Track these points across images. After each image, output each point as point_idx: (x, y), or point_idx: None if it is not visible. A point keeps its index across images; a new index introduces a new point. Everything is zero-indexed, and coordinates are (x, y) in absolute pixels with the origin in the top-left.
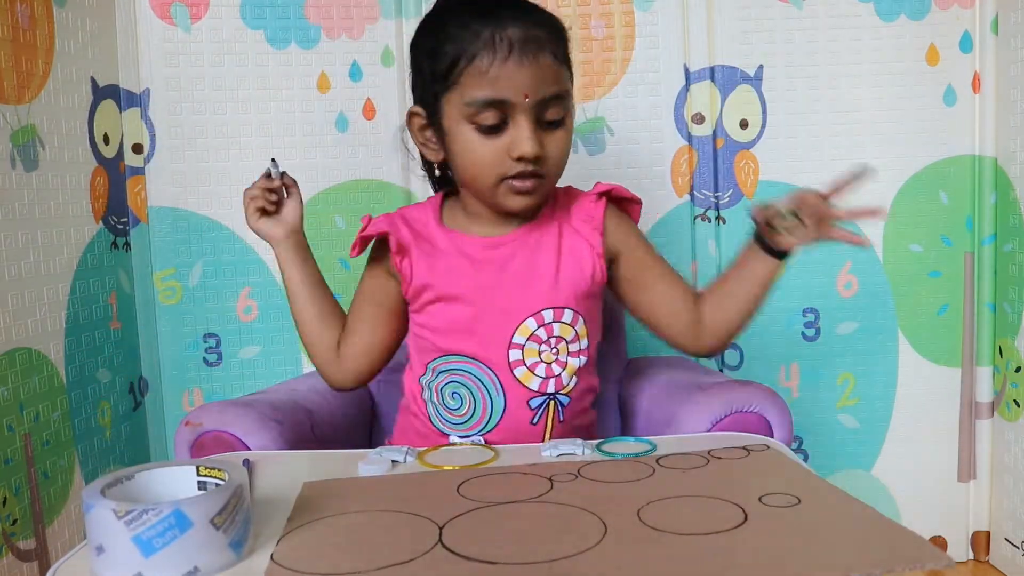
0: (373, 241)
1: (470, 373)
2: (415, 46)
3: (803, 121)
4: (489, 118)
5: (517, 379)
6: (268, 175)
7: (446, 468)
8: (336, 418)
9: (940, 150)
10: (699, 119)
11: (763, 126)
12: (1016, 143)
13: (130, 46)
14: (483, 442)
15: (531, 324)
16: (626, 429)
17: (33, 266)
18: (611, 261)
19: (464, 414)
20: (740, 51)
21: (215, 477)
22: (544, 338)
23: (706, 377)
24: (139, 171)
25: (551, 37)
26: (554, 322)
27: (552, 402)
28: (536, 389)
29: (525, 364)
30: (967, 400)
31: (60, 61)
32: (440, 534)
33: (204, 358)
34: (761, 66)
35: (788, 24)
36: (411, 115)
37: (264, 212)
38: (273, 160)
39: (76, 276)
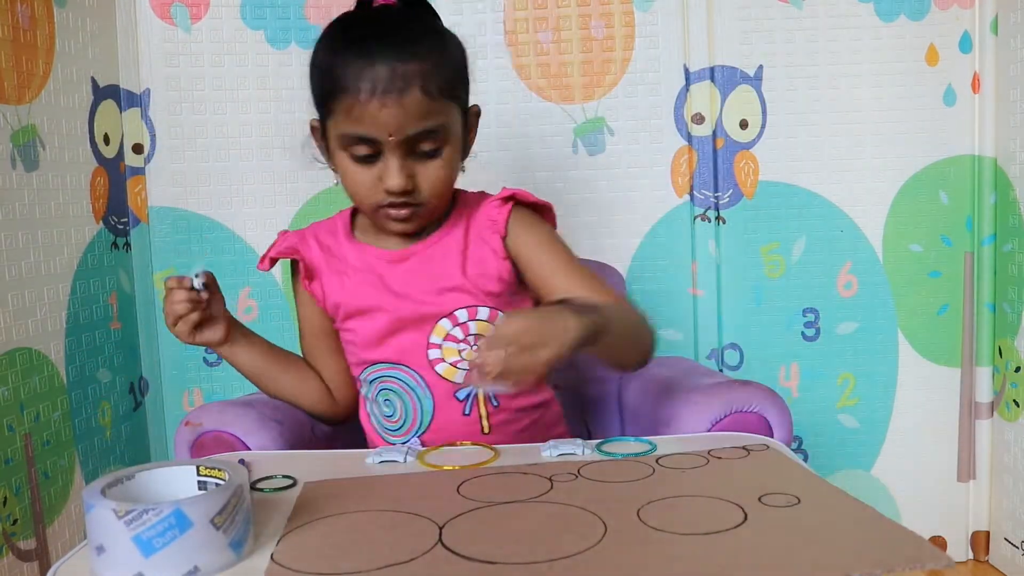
0: (290, 261)
1: (396, 378)
2: (309, 67)
3: (803, 121)
4: (360, 150)
5: (440, 375)
6: (191, 288)
7: (446, 468)
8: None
9: (940, 150)
10: (699, 119)
11: (763, 126)
12: (1016, 143)
13: (130, 46)
14: (420, 446)
15: (445, 324)
16: (626, 429)
17: (33, 266)
18: (515, 263)
19: (397, 420)
20: (740, 51)
21: (215, 477)
22: (461, 336)
23: (706, 377)
24: (139, 171)
25: (424, 71)
26: (470, 320)
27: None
28: (461, 382)
29: (446, 361)
30: (967, 400)
31: (60, 61)
32: (440, 534)
33: (204, 358)
34: (761, 66)
35: (788, 24)
36: (312, 128)
37: (197, 325)
38: (197, 275)
39: (76, 276)
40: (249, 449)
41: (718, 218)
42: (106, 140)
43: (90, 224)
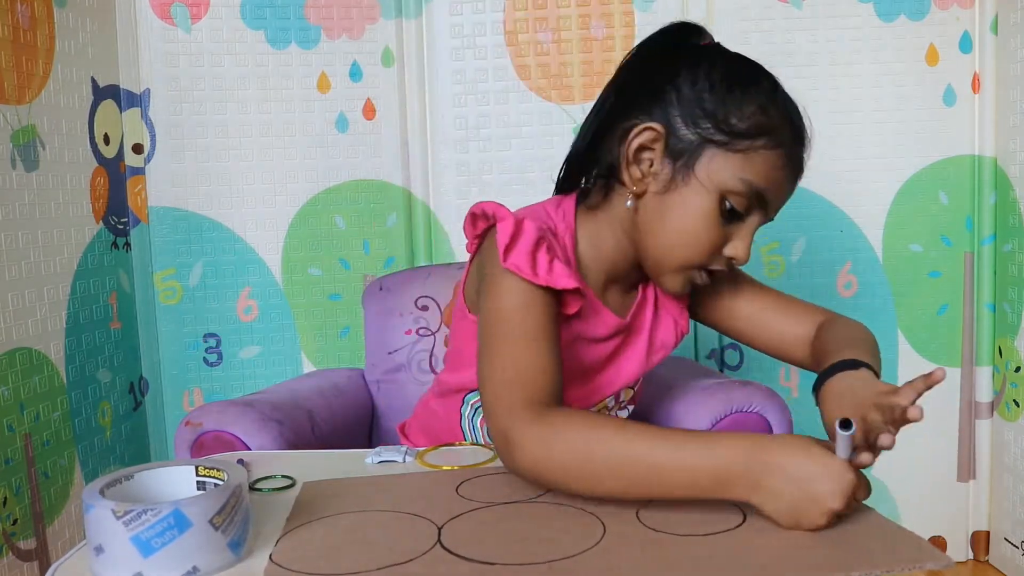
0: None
1: None
2: (685, 59)
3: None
4: (740, 205)
5: None
6: None
7: (444, 468)
8: (336, 418)
9: (940, 150)
10: None
11: None
12: (1016, 143)
13: (130, 46)
14: (446, 449)
15: (610, 401)
16: None
17: (33, 266)
18: (696, 313)
19: None
20: (740, 51)
21: (214, 477)
22: (611, 406)
23: (706, 377)
24: (139, 171)
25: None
26: (623, 389)
27: None
28: None
29: None
30: (967, 400)
31: (60, 61)
32: (439, 534)
33: (204, 358)
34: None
35: (788, 24)
36: (648, 129)
37: None
38: None
39: (76, 276)
40: (249, 449)
41: None
42: (106, 140)
43: (90, 224)
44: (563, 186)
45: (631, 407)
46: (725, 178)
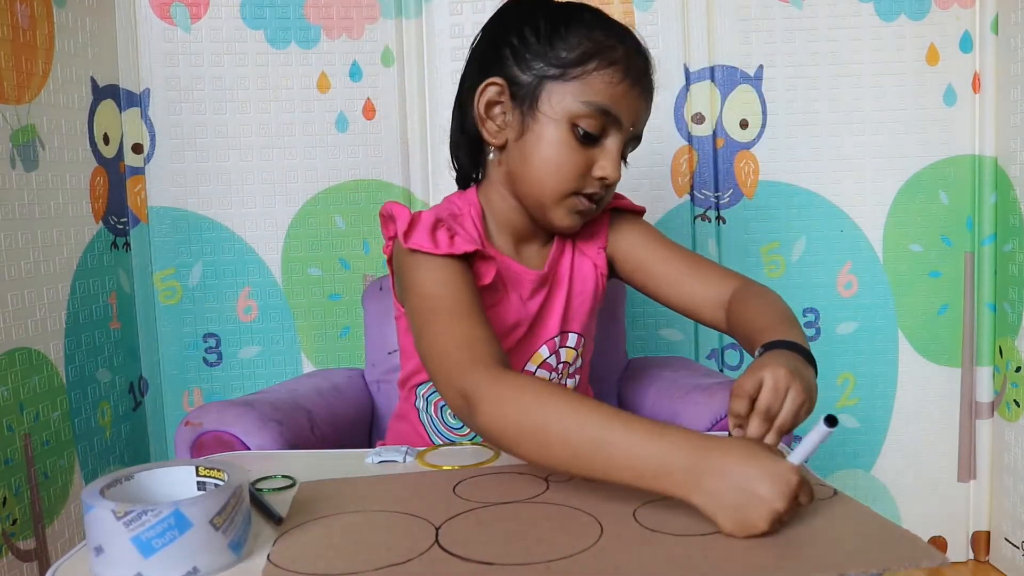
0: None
1: None
2: (510, 18)
3: (803, 121)
4: (593, 127)
5: None
6: None
7: (445, 468)
8: (336, 418)
9: (940, 150)
10: (699, 119)
11: (763, 126)
12: (1016, 143)
13: (130, 46)
14: (446, 449)
15: (544, 351)
16: None
17: (33, 266)
18: (615, 270)
19: (467, 432)
20: (740, 51)
21: (214, 477)
22: (554, 364)
23: (706, 377)
24: (139, 171)
25: (652, 84)
26: (561, 347)
27: None
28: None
29: None
30: (967, 400)
31: (60, 61)
32: (437, 535)
33: (204, 358)
34: (761, 66)
35: (788, 24)
36: (490, 85)
37: None
38: None
39: (76, 276)
40: (249, 449)
41: (718, 218)
42: (106, 140)
43: (90, 224)
44: (461, 178)
45: (577, 377)
46: (568, 105)
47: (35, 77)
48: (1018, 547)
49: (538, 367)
